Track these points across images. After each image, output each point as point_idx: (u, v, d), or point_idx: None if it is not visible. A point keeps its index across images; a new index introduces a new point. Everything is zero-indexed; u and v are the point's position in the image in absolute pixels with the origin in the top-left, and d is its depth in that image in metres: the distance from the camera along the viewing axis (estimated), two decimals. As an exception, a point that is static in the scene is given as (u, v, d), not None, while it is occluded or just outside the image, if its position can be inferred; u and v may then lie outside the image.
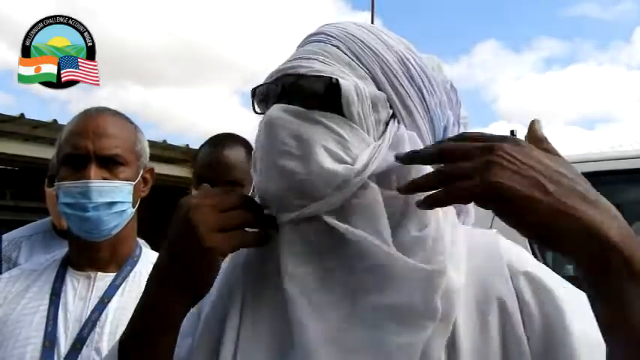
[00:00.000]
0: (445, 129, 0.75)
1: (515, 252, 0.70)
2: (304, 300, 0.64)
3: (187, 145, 7.44)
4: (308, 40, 0.74)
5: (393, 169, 0.66)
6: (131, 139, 1.21)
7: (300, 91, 0.68)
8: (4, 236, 1.94)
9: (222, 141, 1.74)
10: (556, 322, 0.62)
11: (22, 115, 5.90)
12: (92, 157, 1.14)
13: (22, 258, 1.85)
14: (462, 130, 0.78)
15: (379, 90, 0.69)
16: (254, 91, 0.73)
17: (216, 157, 1.70)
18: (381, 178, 0.66)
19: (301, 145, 0.65)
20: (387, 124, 0.69)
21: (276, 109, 0.67)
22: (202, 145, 1.80)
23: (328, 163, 0.64)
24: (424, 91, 0.72)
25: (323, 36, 0.72)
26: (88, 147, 1.14)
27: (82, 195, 1.13)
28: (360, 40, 0.71)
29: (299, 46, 0.75)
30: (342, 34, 0.72)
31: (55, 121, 6.05)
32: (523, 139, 0.60)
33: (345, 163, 0.65)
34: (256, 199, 0.71)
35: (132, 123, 1.25)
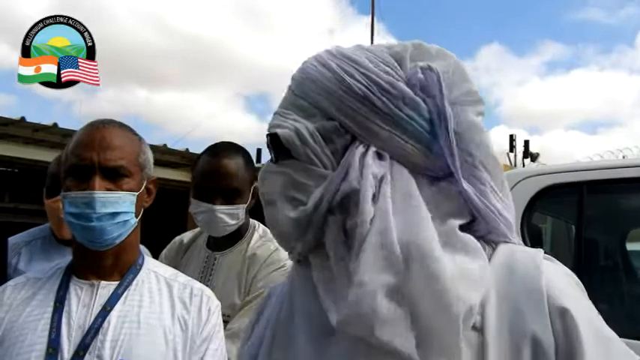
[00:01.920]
0: (431, 122, 0.67)
1: (557, 280, 0.65)
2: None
3: (187, 149, 7.47)
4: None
5: (344, 196, 0.65)
6: (135, 151, 1.23)
7: (272, 147, 0.74)
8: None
9: (221, 150, 1.76)
10: None
11: (22, 118, 5.92)
12: (97, 168, 1.16)
13: (22, 264, 1.85)
14: (471, 109, 0.70)
15: (330, 120, 0.69)
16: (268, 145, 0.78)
17: (215, 166, 1.71)
18: (343, 207, 0.66)
19: (271, 198, 0.72)
20: (346, 149, 0.68)
21: (263, 169, 0.75)
22: (201, 154, 1.81)
23: (288, 211, 0.69)
24: (375, 99, 0.66)
25: (291, 81, 0.75)
26: (93, 158, 1.16)
27: (87, 205, 1.15)
28: (305, 74, 0.72)
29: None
30: (297, 74, 0.74)
31: (55, 124, 6.07)
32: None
33: (301, 203, 0.69)
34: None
35: (136, 134, 1.28)
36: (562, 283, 0.65)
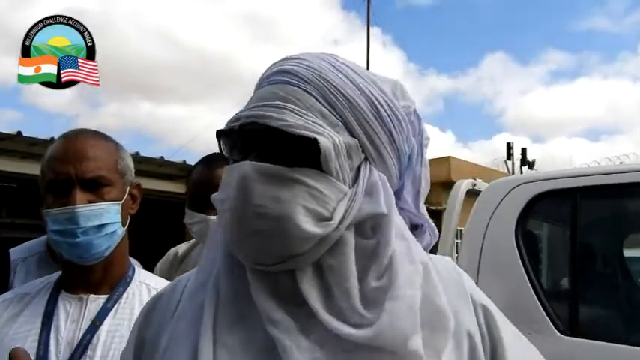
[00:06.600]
0: (410, 158, 0.75)
1: (471, 281, 0.76)
2: (292, 344, 0.63)
3: (184, 161, 7.47)
4: (275, 77, 0.70)
5: (368, 217, 0.68)
6: (113, 159, 1.20)
7: (274, 145, 0.65)
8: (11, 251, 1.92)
9: (215, 161, 1.74)
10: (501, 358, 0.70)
11: (19, 132, 5.93)
12: (75, 181, 1.13)
13: (17, 283, 1.81)
14: (424, 151, 0.79)
15: (352, 136, 0.69)
16: (219, 134, 0.70)
17: (209, 176, 1.69)
18: (358, 226, 0.68)
19: (280, 207, 0.63)
20: (359, 168, 0.69)
21: (250, 169, 0.64)
22: (195, 165, 1.81)
23: (306, 224, 0.63)
24: (394, 131, 0.71)
25: (293, 77, 0.69)
26: (70, 172, 1.13)
27: (69, 221, 1.12)
28: (334, 85, 0.69)
29: (265, 79, 0.72)
30: (314, 77, 0.69)
31: (52, 139, 6.05)
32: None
33: (324, 218, 0.65)
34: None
35: (113, 141, 1.24)
36: (473, 284, 0.76)
